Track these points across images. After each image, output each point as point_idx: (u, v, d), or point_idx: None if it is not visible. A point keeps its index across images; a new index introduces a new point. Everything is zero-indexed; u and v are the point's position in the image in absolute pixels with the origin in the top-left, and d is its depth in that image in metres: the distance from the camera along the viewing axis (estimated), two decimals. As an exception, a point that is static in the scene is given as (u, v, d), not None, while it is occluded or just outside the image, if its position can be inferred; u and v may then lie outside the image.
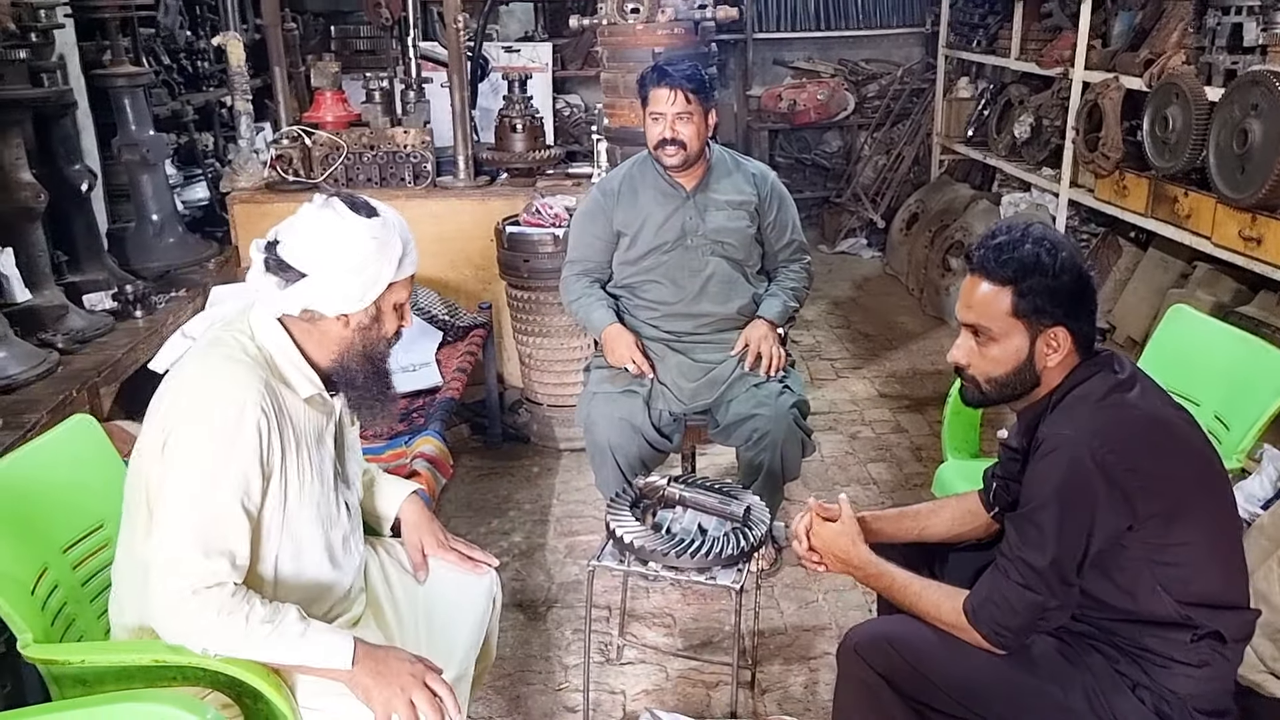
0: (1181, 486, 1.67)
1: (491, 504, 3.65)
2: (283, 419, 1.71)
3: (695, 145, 2.89)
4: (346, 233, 1.69)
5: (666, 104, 2.84)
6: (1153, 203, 4.08)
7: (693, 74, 2.86)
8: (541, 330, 3.89)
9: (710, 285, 2.97)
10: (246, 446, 1.64)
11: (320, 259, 1.69)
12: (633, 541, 2.29)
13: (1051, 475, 1.65)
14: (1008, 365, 1.74)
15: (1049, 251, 1.70)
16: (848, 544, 1.92)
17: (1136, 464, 1.63)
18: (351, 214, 1.70)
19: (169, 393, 1.68)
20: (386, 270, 1.73)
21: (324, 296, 1.71)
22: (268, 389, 1.68)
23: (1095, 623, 1.75)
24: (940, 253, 5.58)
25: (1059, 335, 1.72)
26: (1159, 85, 3.89)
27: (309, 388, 1.77)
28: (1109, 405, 1.69)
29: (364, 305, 1.74)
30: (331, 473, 1.85)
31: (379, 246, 1.71)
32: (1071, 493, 1.63)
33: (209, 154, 4.69)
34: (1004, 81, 5.93)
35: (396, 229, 1.75)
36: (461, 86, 4.08)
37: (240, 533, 1.64)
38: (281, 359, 1.75)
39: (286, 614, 1.64)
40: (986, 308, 1.72)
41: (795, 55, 7.55)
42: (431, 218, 4.11)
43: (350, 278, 1.70)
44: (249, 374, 1.68)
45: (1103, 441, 1.63)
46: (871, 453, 3.98)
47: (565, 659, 2.81)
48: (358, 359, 1.79)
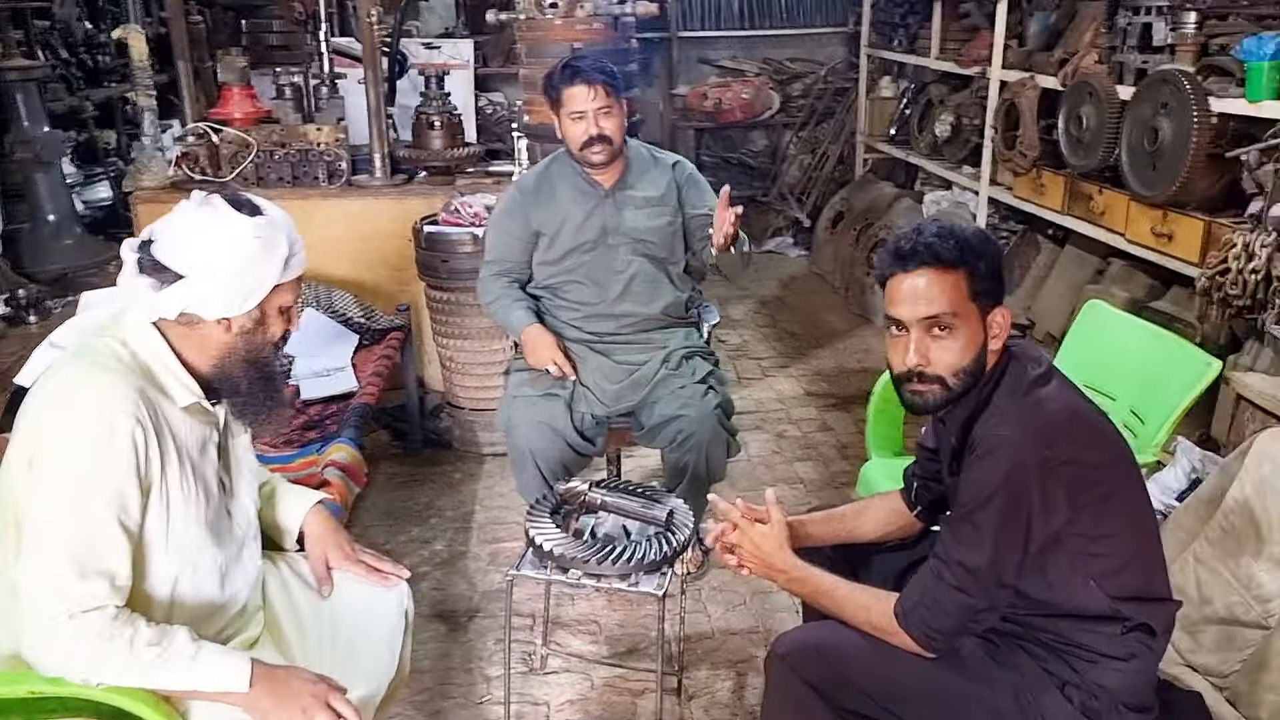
0: (1108, 473, 1.67)
1: (412, 511, 3.55)
2: (161, 429, 1.60)
3: (619, 140, 2.83)
4: (228, 232, 1.59)
5: (587, 101, 2.76)
6: (1069, 200, 4.14)
7: (606, 67, 2.80)
8: (462, 332, 3.80)
9: (633, 285, 2.91)
10: (121, 459, 1.53)
11: (199, 260, 1.59)
12: (553, 549, 2.22)
13: (992, 476, 1.62)
14: (972, 351, 1.69)
15: (982, 234, 1.73)
16: (773, 547, 1.87)
17: (1071, 456, 1.62)
18: (233, 212, 1.60)
19: (35, 405, 1.57)
20: (271, 272, 1.64)
21: (203, 299, 1.61)
22: (143, 397, 1.58)
23: (1023, 621, 1.73)
24: (865, 251, 5.60)
25: (1000, 315, 1.71)
26: (1073, 84, 3.94)
27: (188, 396, 1.66)
28: (1036, 400, 1.68)
29: (247, 309, 1.64)
30: (217, 485, 1.75)
31: (263, 246, 1.61)
32: (1012, 492, 1.61)
33: (112, 152, 4.50)
34: (925, 81, 5.99)
35: (283, 228, 1.66)
36: (376, 82, 3.97)
37: (119, 551, 1.53)
38: (158, 366, 1.64)
39: (175, 636, 1.54)
40: (945, 295, 1.66)
41: (720, 54, 7.54)
42: (347, 218, 3.99)
43: (232, 280, 1.60)
44: (122, 382, 1.57)
45: (1040, 438, 1.61)
46: (798, 451, 3.97)
47: (487, 670, 2.73)
48: (241, 365, 1.69)
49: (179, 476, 1.64)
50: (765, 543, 1.89)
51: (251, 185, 3.96)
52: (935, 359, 1.69)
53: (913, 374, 1.72)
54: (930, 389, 1.72)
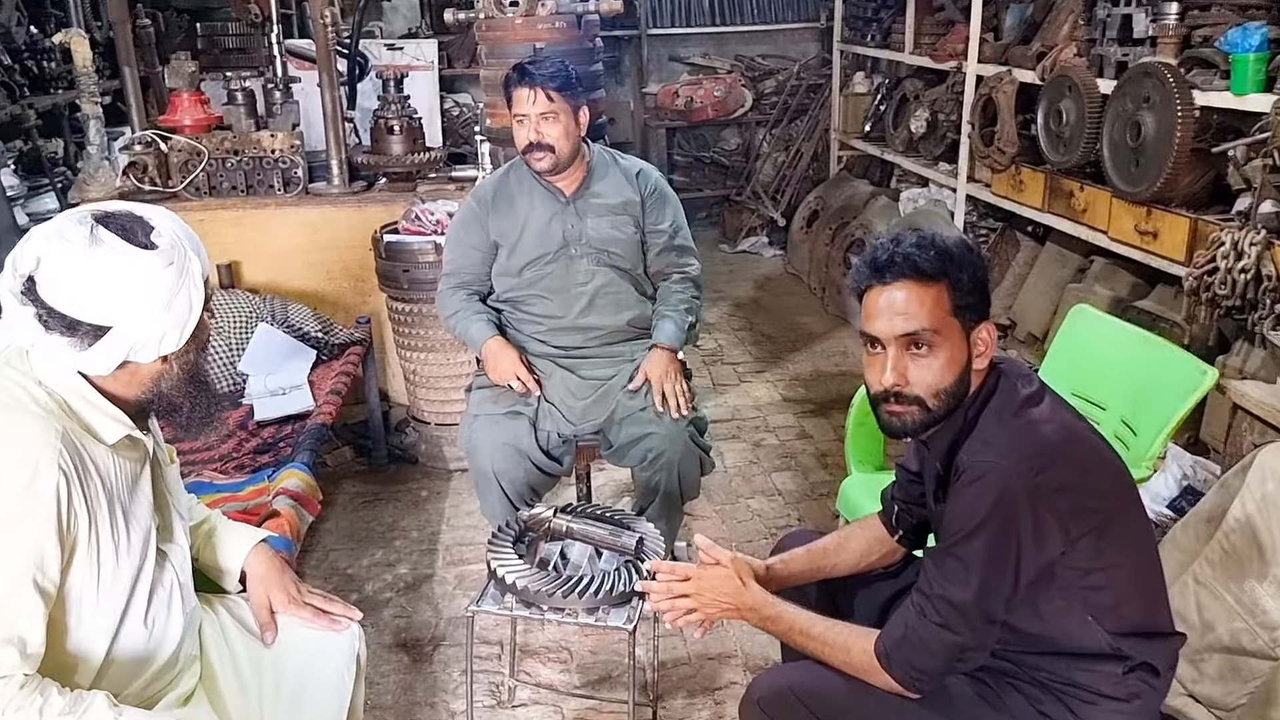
0: (1106, 501, 1.56)
1: (376, 533, 3.40)
2: (86, 476, 1.45)
3: (565, 146, 2.67)
4: (137, 272, 1.43)
5: (528, 104, 2.63)
6: (1049, 197, 4.04)
7: (556, 71, 2.65)
8: (426, 344, 3.66)
9: (597, 298, 2.77)
10: (42, 515, 1.38)
11: (120, 308, 1.43)
12: (515, 582, 2.09)
13: (978, 506, 1.50)
14: (954, 371, 1.57)
15: (966, 245, 1.60)
16: (735, 587, 1.74)
17: (1066, 482, 1.50)
18: (132, 248, 1.43)
19: None
20: (196, 295, 1.50)
21: (140, 345, 1.47)
22: (66, 443, 1.42)
23: (1016, 658, 1.62)
24: (841, 250, 5.49)
25: (985, 331, 1.59)
26: (1052, 78, 3.84)
27: (117, 429, 1.51)
28: (1027, 423, 1.57)
29: (185, 340, 1.51)
30: (150, 525, 1.60)
31: (179, 273, 1.47)
32: (1000, 523, 1.49)
33: (58, 162, 4.32)
34: (899, 76, 5.88)
35: (184, 243, 1.50)
36: (332, 86, 3.82)
37: (32, 616, 1.38)
38: (79, 403, 1.49)
39: (91, 704, 1.40)
40: (925, 309, 1.55)
41: (691, 51, 7.43)
42: (304, 227, 3.84)
43: (163, 317, 1.46)
44: (43, 428, 1.41)
45: (1030, 465, 1.49)
46: (776, 461, 3.84)
47: (452, 704, 2.59)
48: (177, 384, 1.56)
49: (109, 525, 1.49)
50: (724, 584, 1.76)
51: (203, 195, 3.80)
52: (914, 379, 1.57)
53: (890, 394, 1.60)
54: (909, 410, 1.60)
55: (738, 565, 1.77)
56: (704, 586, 1.76)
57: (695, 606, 1.76)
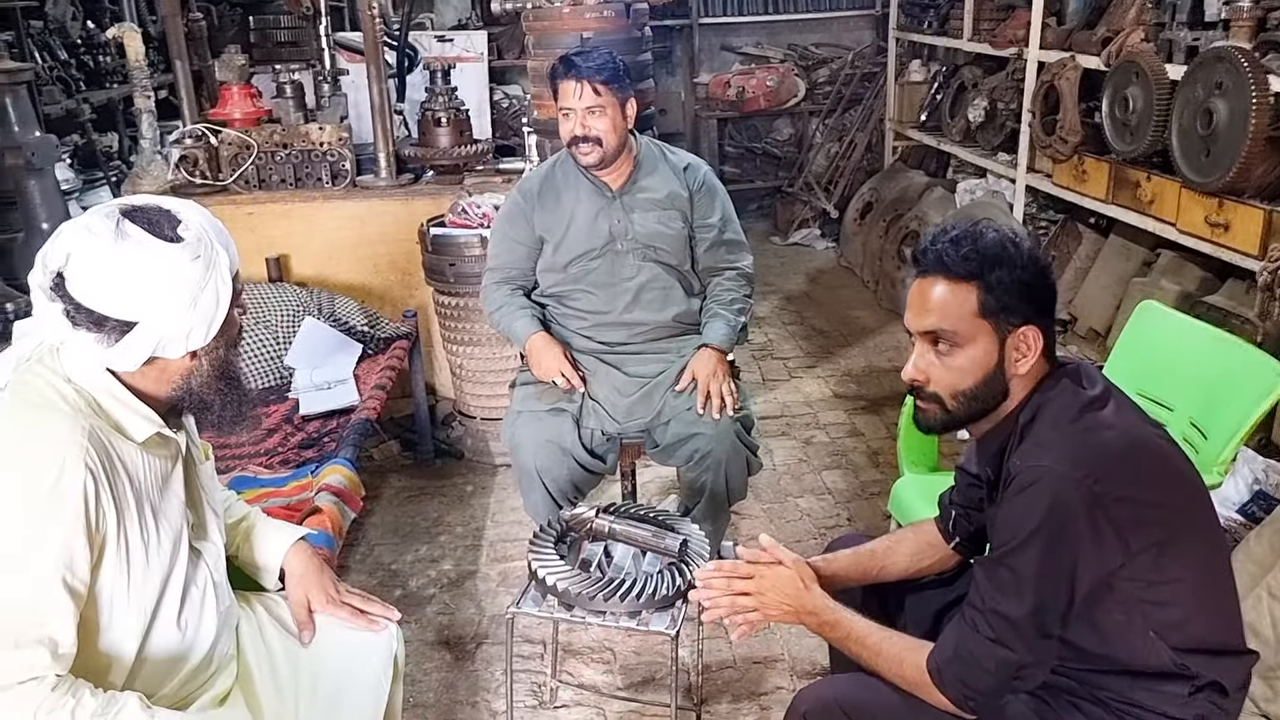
0: (1172, 514, 1.46)
1: (420, 528, 3.39)
2: (115, 474, 1.43)
3: (612, 140, 2.61)
4: (164, 266, 1.41)
5: (574, 98, 2.57)
6: (1114, 188, 3.90)
7: (604, 63, 2.58)
8: (472, 339, 3.63)
9: (644, 293, 2.71)
10: (69, 514, 1.36)
11: (147, 303, 1.41)
12: (555, 584, 2.04)
13: (1029, 514, 1.43)
14: (977, 374, 1.52)
15: (1013, 242, 1.51)
16: (799, 589, 1.67)
17: (1126, 492, 1.42)
18: (158, 241, 1.41)
19: None
20: (224, 289, 1.47)
21: (167, 340, 1.44)
22: (94, 441, 1.40)
23: (1077, 676, 1.53)
24: (895, 243, 5.38)
25: (1029, 336, 1.51)
26: (1118, 64, 3.70)
27: (147, 427, 1.49)
28: (1086, 428, 1.48)
29: (213, 335, 1.49)
30: (183, 524, 1.58)
31: (206, 266, 1.44)
32: (1053, 532, 1.41)
33: (113, 156, 4.36)
34: (957, 64, 5.74)
35: (211, 233, 1.48)
36: (379, 78, 3.80)
37: (63, 617, 1.37)
38: (107, 400, 1.47)
39: (124, 705, 1.38)
40: (950, 309, 1.51)
41: (743, 41, 7.33)
42: (352, 220, 3.83)
43: (190, 313, 1.44)
44: (69, 425, 1.39)
45: (1087, 470, 1.41)
46: (826, 459, 3.76)
47: (494, 704, 2.56)
48: (208, 380, 1.54)
49: (138, 524, 1.48)
50: (787, 585, 1.69)
51: (253, 188, 3.81)
52: (934, 376, 1.54)
53: (913, 388, 1.57)
54: (930, 407, 1.58)
55: (800, 567, 1.70)
56: (766, 586, 1.69)
57: (756, 606, 1.70)
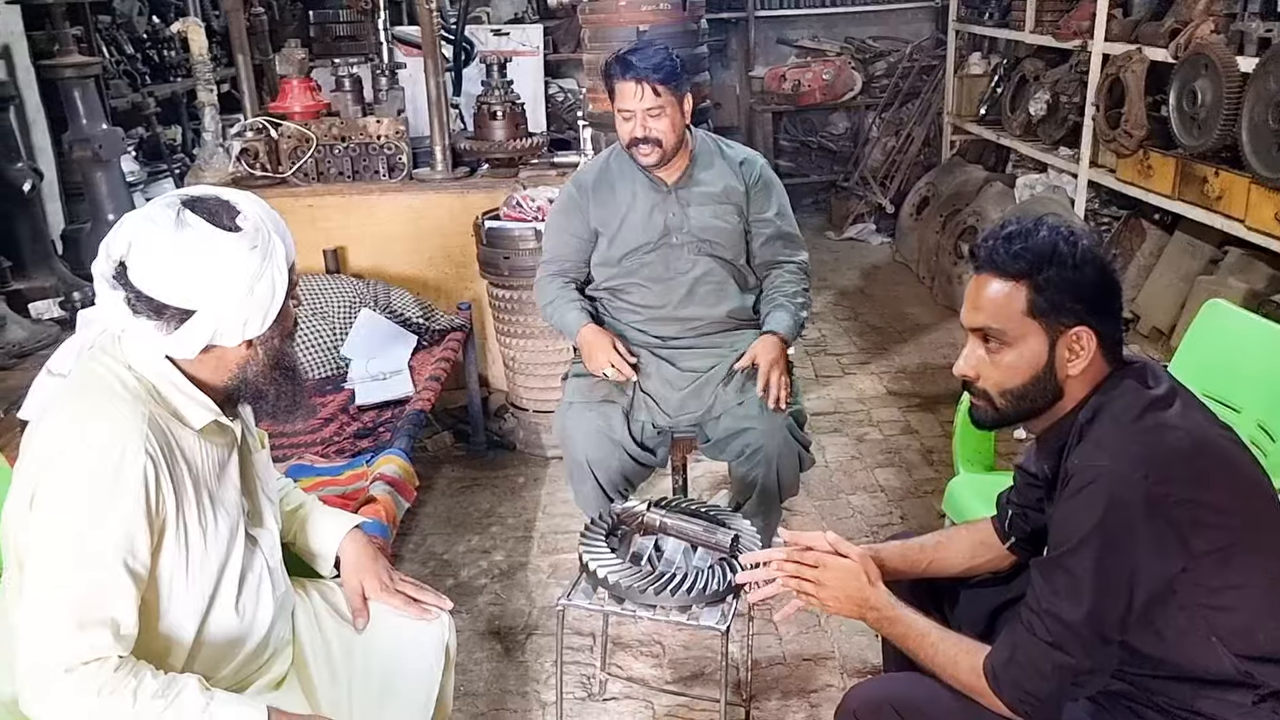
0: (1237, 519, 1.43)
1: (472, 519, 3.42)
2: (174, 460, 1.47)
3: (672, 139, 2.59)
4: (222, 255, 1.43)
5: (634, 99, 2.54)
6: (1180, 183, 3.80)
7: (661, 62, 2.54)
8: (525, 331, 3.65)
9: (698, 288, 2.70)
10: (130, 498, 1.40)
11: (205, 291, 1.43)
12: (606, 577, 2.04)
13: (1087, 514, 1.40)
14: (1025, 374, 1.51)
15: (1068, 240, 1.48)
16: (862, 584, 1.65)
17: (1188, 494, 1.39)
18: (217, 231, 1.44)
19: (37, 439, 1.43)
20: (280, 278, 1.49)
21: (224, 329, 1.47)
22: (154, 427, 1.44)
23: (1136, 681, 1.50)
24: (952, 239, 5.30)
25: (1082, 337, 1.48)
26: (1186, 56, 3.60)
27: (204, 415, 1.52)
28: (1148, 427, 1.45)
29: (270, 324, 1.51)
30: (239, 511, 1.61)
31: (263, 256, 1.46)
32: (1112, 533, 1.39)
33: (176, 148, 4.45)
34: (1018, 56, 5.63)
35: (269, 224, 1.50)
36: (436, 72, 3.83)
37: (124, 598, 1.40)
38: (167, 388, 1.50)
39: (183, 687, 1.41)
40: (998, 308, 1.50)
41: (799, 33, 7.27)
42: (407, 212, 3.87)
43: (247, 301, 1.46)
44: (130, 411, 1.43)
45: (1148, 471, 1.38)
46: (879, 457, 3.72)
47: (544, 695, 2.57)
48: (264, 370, 1.56)
49: (196, 510, 1.51)
50: (850, 579, 1.67)
51: (311, 180, 3.86)
52: (984, 373, 1.55)
53: (966, 383, 1.58)
54: (982, 404, 1.59)
55: (866, 562, 1.68)
56: (830, 577, 1.67)
57: (814, 593, 1.68)
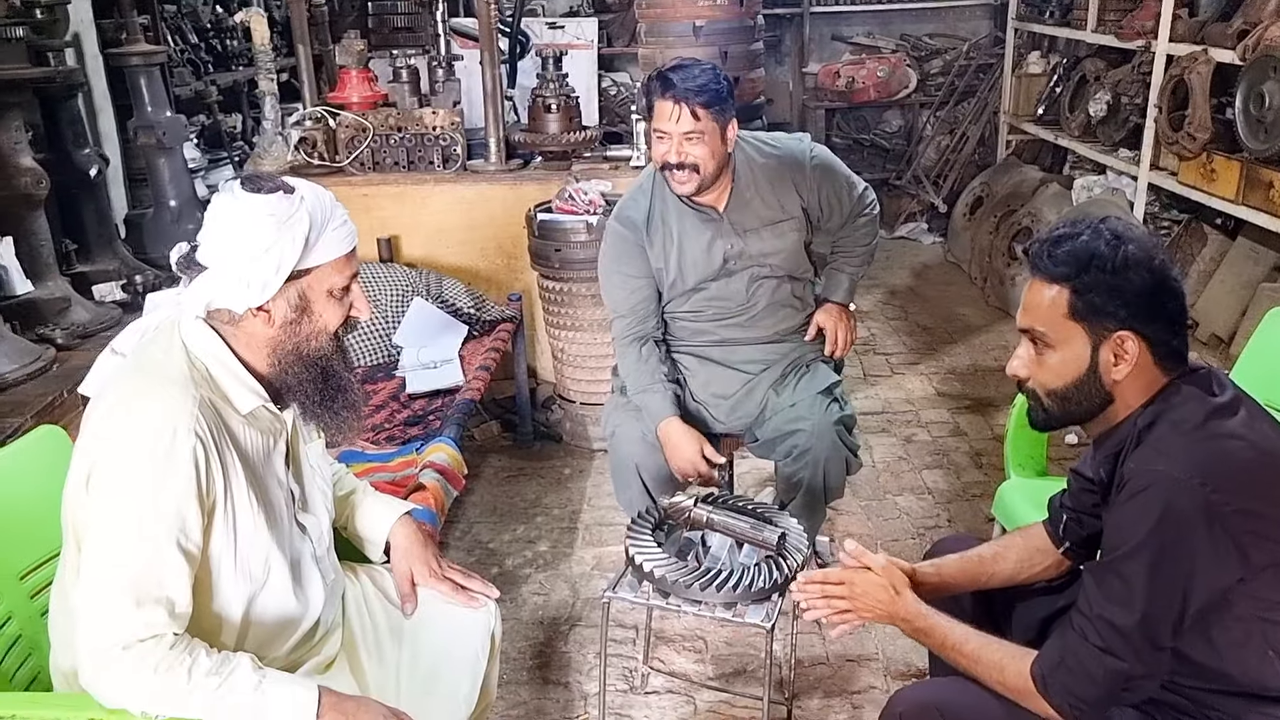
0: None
1: (518, 509, 3.45)
2: (223, 442, 1.50)
3: (710, 168, 2.42)
4: (240, 214, 1.48)
5: (670, 121, 2.36)
6: (1244, 188, 3.72)
7: (705, 83, 2.35)
8: (574, 324, 3.67)
9: (758, 313, 2.65)
10: (181, 479, 1.43)
11: (218, 248, 1.49)
12: (653, 570, 2.05)
13: (1142, 519, 1.39)
14: (1068, 376, 1.52)
15: (1110, 243, 1.47)
16: (889, 596, 1.66)
17: (1248, 505, 1.37)
18: (246, 193, 1.49)
19: (94, 419, 1.48)
20: (290, 252, 1.49)
21: (224, 289, 1.49)
22: (204, 409, 1.47)
23: (1189, 694, 1.48)
24: (1006, 240, 5.23)
25: (1126, 341, 1.48)
26: (1254, 58, 3.52)
27: (251, 399, 1.55)
28: (1209, 435, 1.43)
29: (269, 295, 1.50)
30: (287, 496, 1.64)
31: (277, 225, 1.48)
32: (1167, 540, 1.37)
33: (237, 136, 4.53)
34: (1079, 56, 5.54)
35: (306, 204, 1.51)
36: (493, 64, 3.85)
37: (178, 577, 1.43)
38: (219, 369, 1.54)
39: (237, 665, 1.44)
40: (1042, 310, 1.53)
41: (854, 30, 7.21)
42: (461, 203, 3.90)
43: (249, 265, 1.48)
44: (181, 394, 1.46)
45: (1205, 479, 1.37)
46: (927, 458, 3.69)
47: (585, 686, 2.59)
48: (291, 360, 1.57)
49: (245, 492, 1.54)
50: (877, 592, 1.68)
51: (367, 170, 3.91)
52: (1033, 374, 1.58)
53: (1019, 380, 1.60)
54: (1033, 404, 1.61)
55: (890, 573, 1.69)
56: (857, 592, 1.69)
57: (847, 609, 1.70)
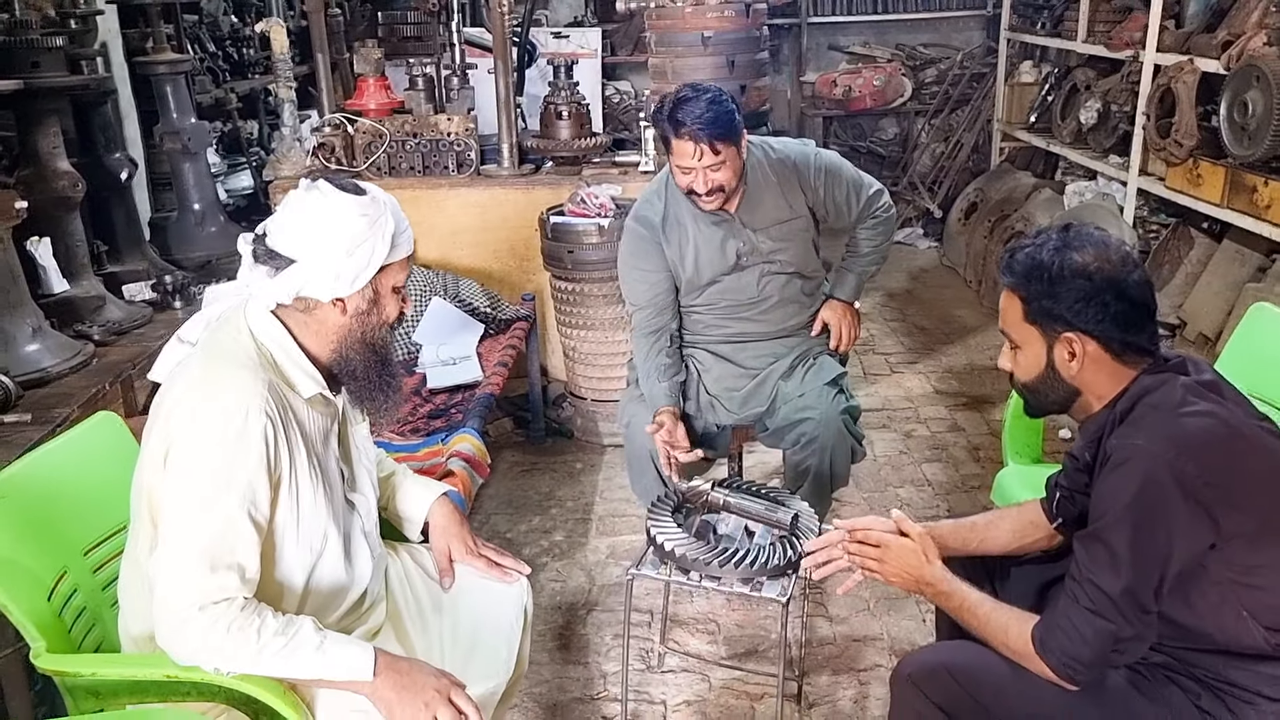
0: (1269, 502, 1.53)
1: (533, 501, 3.57)
2: (288, 422, 1.63)
3: (734, 183, 2.58)
4: (334, 212, 1.62)
5: (693, 159, 2.49)
6: (1229, 192, 3.87)
7: (716, 117, 2.45)
8: (585, 323, 3.80)
9: (769, 304, 2.79)
10: (252, 454, 1.56)
11: (309, 242, 1.61)
12: (674, 549, 2.18)
13: (1123, 490, 1.52)
14: (1033, 372, 1.72)
15: (1053, 254, 1.64)
16: (920, 562, 1.81)
17: (1217, 477, 1.50)
18: (338, 193, 1.63)
19: (169, 401, 1.61)
20: (380, 248, 1.65)
21: (316, 281, 1.63)
22: (272, 392, 1.61)
23: (1173, 652, 1.61)
24: (999, 244, 5.38)
25: (1074, 343, 1.63)
26: (1238, 68, 3.67)
27: (311, 386, 1.69)
28: (1185, 414, 1.56)
29: (358, 287, 1.65)
30: (338, 475, 1.77)
31: (369, 224, 1.63)
32: (1146, 509, 1.50)
33: (254, 142, 4.65)
34: (1069, 65, 5.70)
35: (387, 206, 1.68)
36: (506, 72, 3.99)
37: (248, 545, 1.56)
38: (282, 357, 1.67)
39: (301, 626, 1.56)
40: (1006, 314, 1.72)
41: (851, 40, 7.37)
42: (475, 207, 4.03)
43: (342, 259, 1.62)
44: (252, 378, 1.60)
45: (1179, 451, 1.50)
46: (926, 452, 3.83)
47: (604, 665, 2.71)
48: (357, 347, 1.71)
49: (307, 468, 1.67)
50: (910, 556, 1.82)
51: (384, 175, 4.04)
52: (1012, 368, 1.77)
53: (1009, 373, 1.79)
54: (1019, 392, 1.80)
55: (924, 541, 1.84)
56: (891, 556, 1.83)
57: (876, 569, 1.85)
